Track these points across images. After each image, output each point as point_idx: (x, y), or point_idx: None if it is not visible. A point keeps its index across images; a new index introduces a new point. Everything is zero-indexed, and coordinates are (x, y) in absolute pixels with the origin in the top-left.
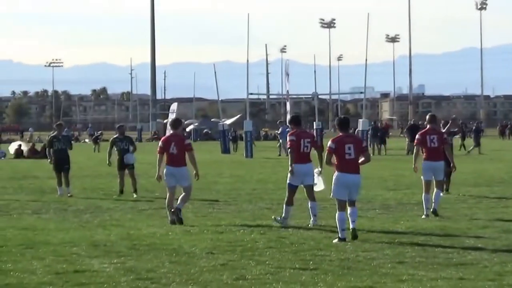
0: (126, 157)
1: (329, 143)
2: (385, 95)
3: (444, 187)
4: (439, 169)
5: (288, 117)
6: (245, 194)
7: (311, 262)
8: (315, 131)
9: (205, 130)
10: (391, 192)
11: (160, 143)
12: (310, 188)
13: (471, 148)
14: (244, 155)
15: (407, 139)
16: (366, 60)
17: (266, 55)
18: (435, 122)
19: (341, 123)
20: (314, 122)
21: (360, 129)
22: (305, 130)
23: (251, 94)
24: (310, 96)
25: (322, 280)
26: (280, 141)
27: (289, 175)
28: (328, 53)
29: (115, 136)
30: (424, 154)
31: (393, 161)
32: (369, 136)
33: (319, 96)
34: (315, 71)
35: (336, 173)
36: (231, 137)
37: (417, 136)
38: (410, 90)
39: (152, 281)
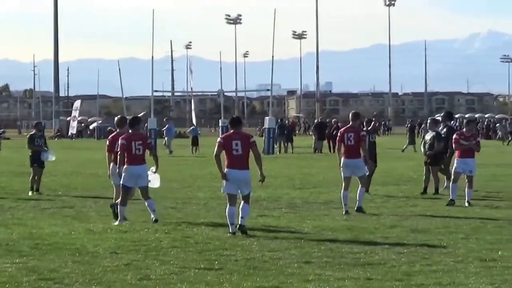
0: (43, 154)
1: (219, 138)
2: (291, 93)
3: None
4: (356, 167)
5: (193, 114)
6: (150, 193)
7: (216, 262)
8: (220, 129)
9: (109, 128)
10: (298, 191)
11: (107, 141)
12: (144, 189)
13: (405, 146)
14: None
15: (314, 137)
16: (272, 57)
17: (171, 51)
18: (356, 120)
19: (232, 121)
20: (220, 120)
21: (267, 126)
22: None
23: (156, 91)
24: (215, 93)
25: (227, 280)
26: (166, 138)
27: (123, 175)
28: (234, 49)
29: (33, 133)
30: (343, 151)
31: (300, 160)
32: (276, 134)
33: (225, 93)
34: (221, 68)
35: (225, 169)
36: None
37: (338, 134)
38: (317, 88)
39: (55, 281)
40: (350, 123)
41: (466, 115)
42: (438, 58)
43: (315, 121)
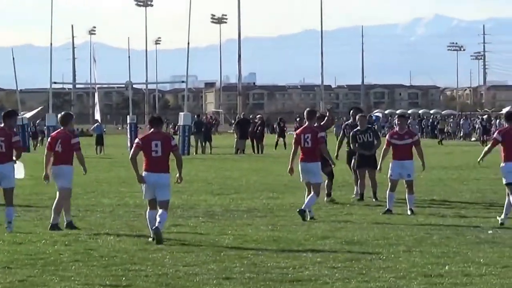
0: None
1: (136, 139)
2: (210, 85)
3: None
4: (311, 172)
5: (97, 108)
6: (48, 199)
7: (123, 278)
8: (128, 126)
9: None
10: (217, 197)
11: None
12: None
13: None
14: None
15: (235, 136)
16: (188, 44)
17: (73, 37)
18: (312, 118)
19: (152, 120)
20: (128, 116)
21: (182, 123)
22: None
23: (55, 83)
24: (123, 85)
25: None
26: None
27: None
28: (144, 35)
29: None
30: (301, 154)
31: (219, 161)
32: (192, 132)
33: (134, 86)
34: (129, 57)
35: (143, 173)
36: (30, 133)
37: (294, 135)
38: (239, 79)
39: None
40: (306, 122)
41: (409, 111)
42: (377, 46)
43: (237, 117)
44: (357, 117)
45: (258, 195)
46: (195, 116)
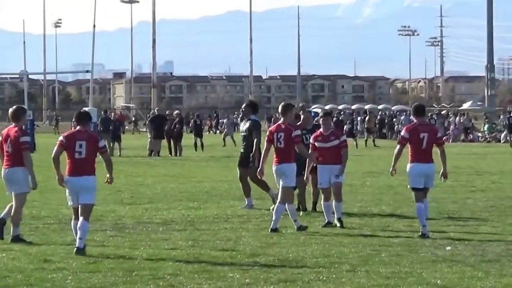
0: None
1: (60, 137)
2: (119, 75)
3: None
4: (284, 173)
5: None
6: None
7: None
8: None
9: None
10: (128, 207)
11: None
12: None
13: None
14: None
15: (149, 135)
16: (94, 27)
17: None
18: (286, 114)
19: (79, 116)
20: None
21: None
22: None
23: None
24: (17, 75)
25: None
26: None
27: None
28: (42, 17)
29: None
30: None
31: (130, 165)
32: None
33: (30, 76)
34: (24, 42)
35: (66, 177)
36: None
37: (267, 133)
38: (153, 69)
39: None
40: (281, 118)
41: (353, 106)
42: (316, 30)
43: (151, 113)
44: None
45: (176, 205)
46: (102, 112)
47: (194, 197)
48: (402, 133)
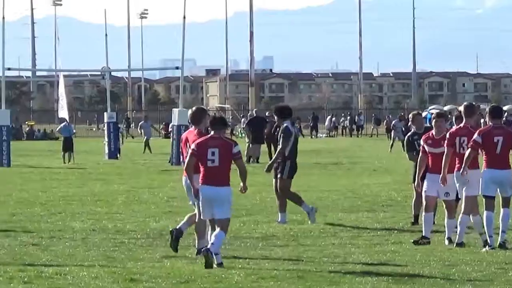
0: None
1: (192, 145)
2: (213, 72)
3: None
4: (464, 181)
5: (63, 103)
6: (0, 222)
7: None
8: (106, 126)
9: None
10: None
11: (193, 145)
12: None
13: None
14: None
15: (247, 139)
16: (184, 18)
17: (32, 9)
18: (471, 116)
19: (213, 122)
20: (105, 113)
21: (176, 123)
22: None
23: (9, 69)
24: (98, 73)
25: None
26: None
27: None
28: (126, 7)
29: None
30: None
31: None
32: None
33: (113, 73)
34: (106, 35)
35: (199, 186)
36: None
37: (447, 136)
38: (251, 65)
39: None
40: (464, 120)
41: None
42: (433, 22)
43: (249, 115)
44: (410, 116)
45: (277, 217)
46: None
47: (297, 208)
48: (475, 136)
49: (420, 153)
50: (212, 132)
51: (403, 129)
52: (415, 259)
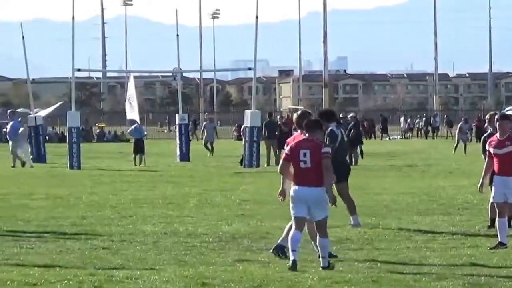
0: None
1: (287, 147)
2: (286, 73)
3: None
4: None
5: (134, 105)
6: (70, 225)
7: None
8: (177, 127)
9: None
10: None
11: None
12: None
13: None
14: (68, 164)
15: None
16: (256, 18)
17: (102, 9)
18: None
19: (308, 124)
20: (177, 114)
21: (248, 125)
22: None
23: (79, 70)
24: (169, 73)
25: None
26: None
27: None
28: (197, 7)
29: None
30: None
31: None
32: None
33: (184, 74)
34: (177, 35)
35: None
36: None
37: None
38: (325, 66)
39: None
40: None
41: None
42: (507, 21)
43: None
44: (487, 117)
45: (350, 220)
46: (267, 115)
47: (372, 211)
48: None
49: (486, 158)
50: (307, 135)
51: (468, 131)
52: (492, 262)
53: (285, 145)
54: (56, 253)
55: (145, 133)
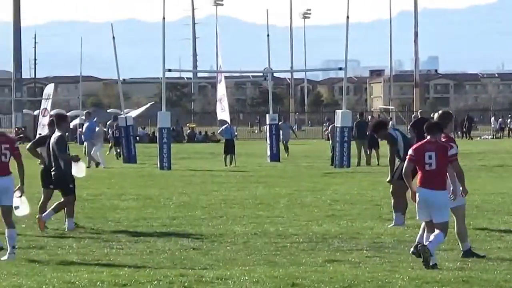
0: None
1: (410, 150)
2: (376, 73)
3: None
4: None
5: (224, 105)
6: (160, 226)
7: None
8: (268, 128)
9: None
10: (388, 223)
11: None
12: (8, 209)
13: None
14: (158, 165)
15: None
16: (347, 18)
17: (193, 9)
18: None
19: (430, 127)
20: (267, 115)
21: (339, 124)
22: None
23: (169, 70)
24: (260, 73)
25: None
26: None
27: None
28: (288, 7)
29: (44, 134)
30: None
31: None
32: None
33: (275, 74)
34: (268, 35)
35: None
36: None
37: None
38: (416, 66)
39: None
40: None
41: None
42: None
43: (413, 116)
44: None
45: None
46: (358, 115)
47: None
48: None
49: None
50: (428, 137)
51: None
52: None
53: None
54: (146, 254)
55: (236, 133)
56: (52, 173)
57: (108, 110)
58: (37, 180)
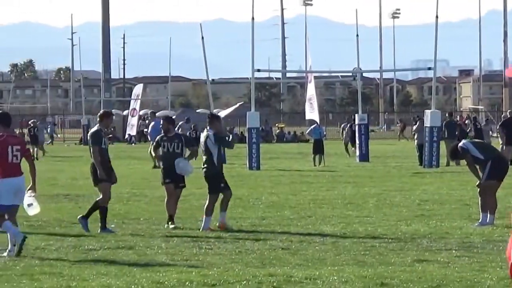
0: (179, 164)
1: None
2: (466, 73)
3: None
4: None
5: (314, 105)
6: (250, 226)
7: None
8: (357, 128)
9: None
10: (476, 223)
11: None
12: (16, 209)
13: None
14: (247, 165)
15: (500, 142)
16: (436, 18)
17: (282, 9)
18: None
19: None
20: (356, 115)
21: (429, 124)
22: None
23: (258, 70)
24: (349, 73)
25: None
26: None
27: None
28: (377, 7)
29: (161, 135)
30: None
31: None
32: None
33: (364, 74)
34: (357, 35)
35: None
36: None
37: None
38: (505, 65)
39: None
40: None
41: None
42: None
43: (502, 116)
44: None
45: None
46: (447, 115)
47: None
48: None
49: None
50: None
51: None
52: None
53: None
54: (235, 254)
55: (325, 133)
56: (203, 170)
57: (198, 111)
58: (126, 179)
